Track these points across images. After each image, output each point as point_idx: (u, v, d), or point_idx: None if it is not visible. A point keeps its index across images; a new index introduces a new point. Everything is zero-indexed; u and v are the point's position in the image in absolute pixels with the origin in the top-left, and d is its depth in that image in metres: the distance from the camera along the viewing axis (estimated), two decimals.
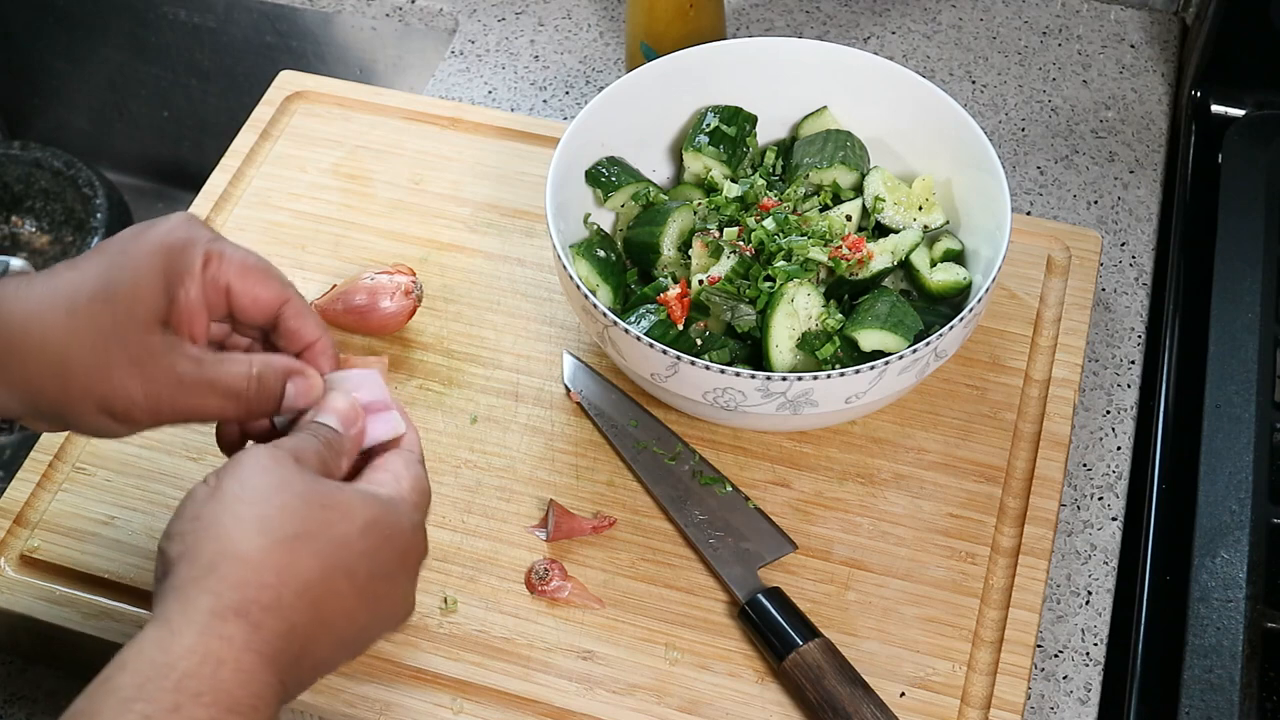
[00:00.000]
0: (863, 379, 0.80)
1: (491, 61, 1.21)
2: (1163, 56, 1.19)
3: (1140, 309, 1.02)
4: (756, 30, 1.22)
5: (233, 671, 0.58)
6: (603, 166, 0.94)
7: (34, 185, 1.47)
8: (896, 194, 0.93)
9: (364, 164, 1.06)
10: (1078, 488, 0.92)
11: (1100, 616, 0.87)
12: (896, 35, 1.21)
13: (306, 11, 1.35)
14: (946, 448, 0.89)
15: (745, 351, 0.87)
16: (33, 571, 0.85)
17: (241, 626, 0.59)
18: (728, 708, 0.79)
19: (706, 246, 0.89)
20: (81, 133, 1.58)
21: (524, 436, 0.91)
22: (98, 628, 0.83)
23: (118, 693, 0.57)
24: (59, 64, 1.53)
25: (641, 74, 0.95)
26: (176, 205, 1.49)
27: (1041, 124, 1.14)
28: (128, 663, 0.58)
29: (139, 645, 0.59)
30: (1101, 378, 0.98)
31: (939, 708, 0.79)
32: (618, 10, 1.24)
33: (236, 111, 1.16)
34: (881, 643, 0.81)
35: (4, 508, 0.87)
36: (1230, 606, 0.84)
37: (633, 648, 0.82)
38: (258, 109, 1.09)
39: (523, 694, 0.80)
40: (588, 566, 0.85)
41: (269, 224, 1.02)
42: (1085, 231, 1.00)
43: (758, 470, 0.89)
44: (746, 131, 0.97)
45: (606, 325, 0.82)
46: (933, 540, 0.85)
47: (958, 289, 0.89)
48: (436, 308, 0.97)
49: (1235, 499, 0.88)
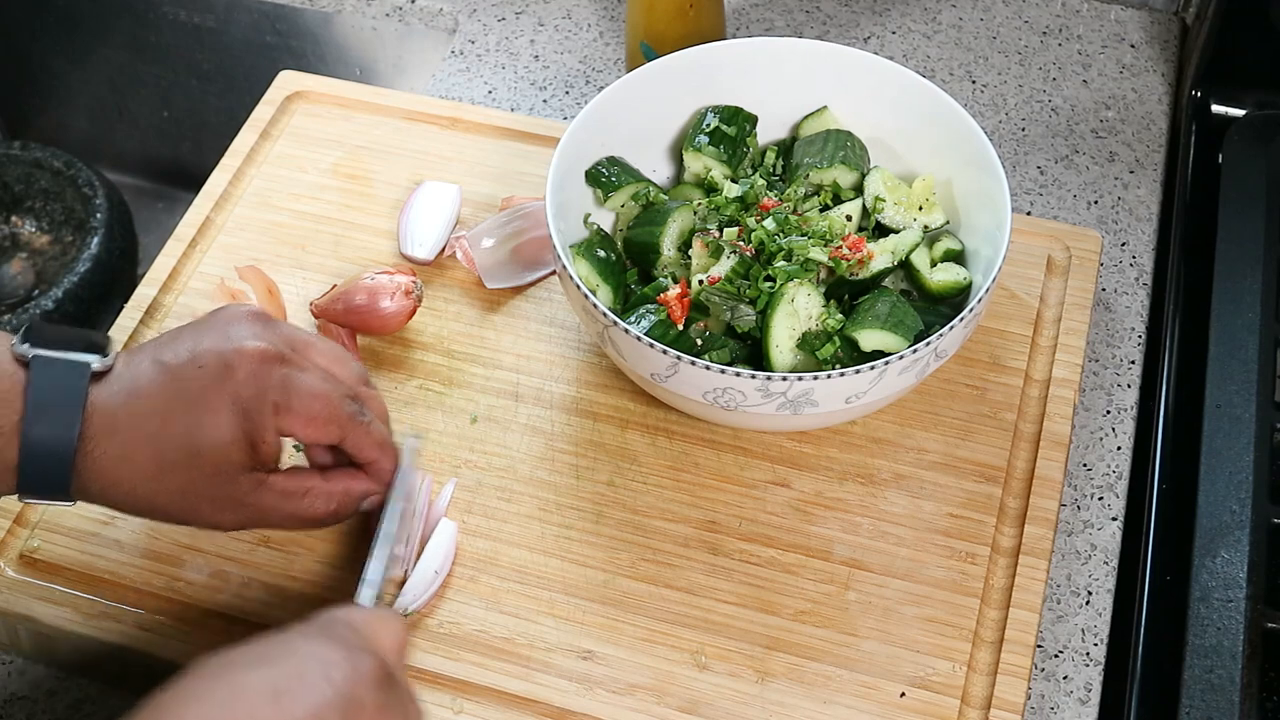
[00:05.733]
0: (863, 379, 0.80)
1: (491, 61, 1.21)
2: (1163, 56, 1.19)
3: (1140, 309, 1.02)
4: (756, 30, 1.22)
5: None
6: (603, 166, 0.94)
7: (34, 185, 1.47)
8: (896, 194, 0.93)
9: (364, 164, 1.06)
10: (1078, 488, 0.92)
11: (1100, 616, 0.87)
12: (896, 35, 1.21)
13: (306, 11, 1.35)
14: (946, 448, 0.89)
15: (745, 351, 0.87)
16: (33, 571, 0.85)
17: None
18: (728, 708, 0.79)
19: (706, 246, 0.89)
20: (81, 133, 1.58)
21: (524, 436, 0.91)
22: (98, 628, 0.83)
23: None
24: (59, 64, 1.53)
25: (641, 74, 0.95)
26: (177, 205, 1.49)
27: (1041, 124, 1.14)
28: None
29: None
30: (1101, 378, 0.98)
31: (939, 708, 0.79)
32: (618, 10, 1.24)
33: (236, 111, 1.16)
34: (881, 643, 0.81)
35: (4, 508, 0.87)
36: (1230, 606, 0.84)
37: (633, 648, 0.82)
38: (258, 109, 1.09)
39: (523, 694, 0.80)
40: (588, 566, 0.85)
41: (269, 224, 1.02)
42: (1085, 231, 1.00)
43: (758, 470, 0.89)
44: (746, 131, 0.97)
45: (606, 325, 0.82)
46: (933, 540, 0.85)
47: (958, 289, 0.89)
48: (436, 308, 0.97)
49: (1235, 499, 0.88)
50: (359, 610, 0.67)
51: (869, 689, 0.80)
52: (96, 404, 0.72)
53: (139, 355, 0.75)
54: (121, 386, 0.73)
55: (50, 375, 0.72)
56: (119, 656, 0.83)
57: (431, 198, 1.01)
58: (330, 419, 0.76)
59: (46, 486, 0.72)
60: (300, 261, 1.00)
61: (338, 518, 0.79)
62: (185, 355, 0.74)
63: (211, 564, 0.85)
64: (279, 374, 0.75)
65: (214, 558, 0.86)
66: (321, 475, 0.79)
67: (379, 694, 0.60)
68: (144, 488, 0.73)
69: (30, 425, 0.71)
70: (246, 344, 0.75)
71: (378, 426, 0.80)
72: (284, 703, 0.58)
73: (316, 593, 0.84)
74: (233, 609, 0.84)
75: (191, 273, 1.00)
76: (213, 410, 0.73)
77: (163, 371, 0.74)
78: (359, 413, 0.78)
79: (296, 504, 0.77)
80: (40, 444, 0.71)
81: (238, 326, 0.76)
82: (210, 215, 1.03)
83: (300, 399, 0.75)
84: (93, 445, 0.72)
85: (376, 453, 0.79)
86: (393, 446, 0.81)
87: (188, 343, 0.75)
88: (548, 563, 0.85)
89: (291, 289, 0.98)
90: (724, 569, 0.85)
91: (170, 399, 0.73)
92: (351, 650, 0.61)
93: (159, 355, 0.75)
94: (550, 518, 0.87)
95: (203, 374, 0.74)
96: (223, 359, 0.74)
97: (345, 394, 0.78)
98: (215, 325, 0.77)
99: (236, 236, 1.02)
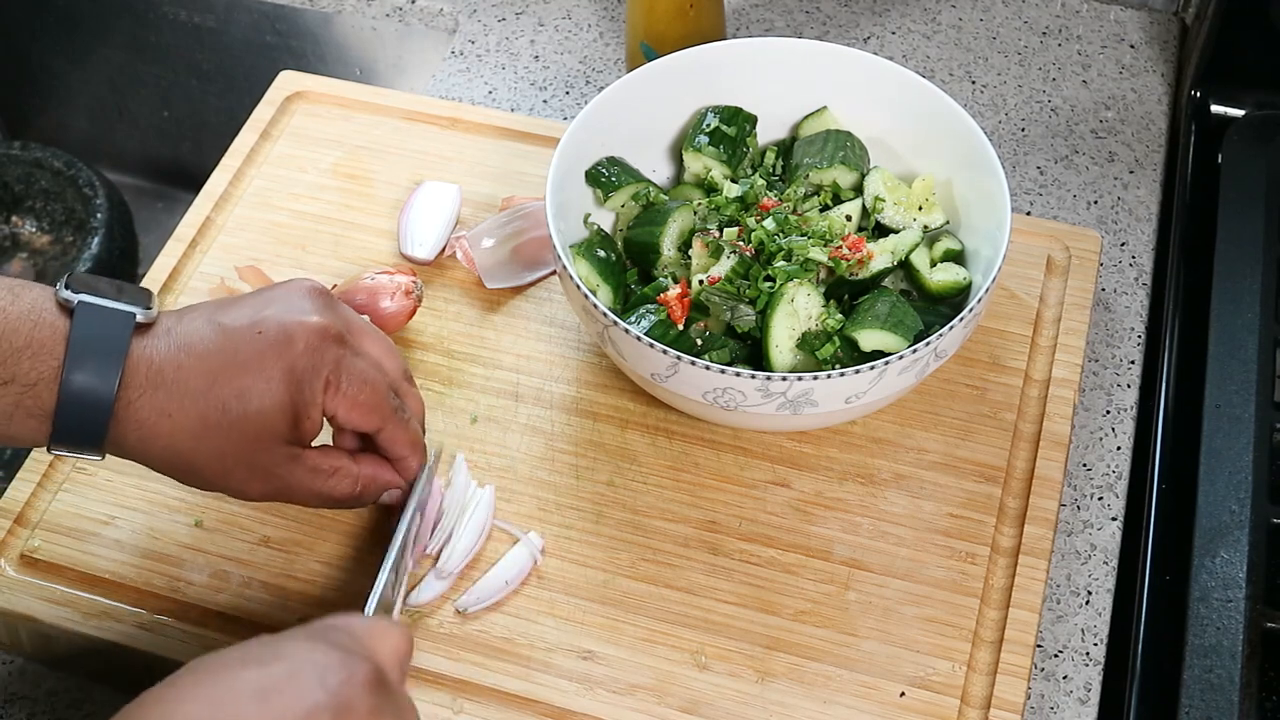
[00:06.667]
0: (863, 379, 0.80)
1: (491, 61, 1.21)
2: (1163, 56, 1.19)
3: (1140, 309, 1.02)
4: (756, 30, 1.22)
5: None
6: (603, 166, 0.94)
7: (34, 185, 1.47)
8: (896, 194, 0.93)
9: (364, 164, 1.06)
10: (1078, 488, 0.92)
11: (1100, 616, 0.87)
12: (896, 35, 1.21)
13: (306, 11, 1.35)
14: (946, 448, 0.89)
15: (745, 351, 0.87)
16: (33, 571, 0.85)
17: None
18: (728, 708, 0.79)
19: (706, 246, 0.89)
20: (81, 133, 1.58)
21: (524, 436, 0.91)
22: (98, 628, 0.83)
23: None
24: (59, 64, 1.53)
25: (641, 74, 0.95)
26: (176, 205, 1.48)
27: (1041, 124, 1.14)
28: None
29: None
30: (1101, 378, 0.98)
31: (939, 708, 0.79)
32: (618, 10, 1.24)
33: (236, 111, 1.16)
34: (881, 643, 0.81)
35: (4, 508, 0.87)
36: (1230, 606, 0.84)
37: (633, 648, 0.82)
38: (258, 109, 1.09)
39: (523, 694, 0.80)
40: (588, 566, 0.85)
41: (269, 224, 1.02)
42: (1085, 231, 1.00)
43: (758, 470, 0.89)
44: (746, 131, 0.97)
45: (606, 325, 0.82)
46: (933, 540, 0.85)
47: (958, 289, 0.89)
48: (436, 308, 0.97)
49: (1235, 499, 0.88)
50: (360, 618, 0.67)
51: (869, 689, 0.80)
52: (139, 355, 0.72)
53: (193, 314, 0.75)
54: (172, 342, 0.73)
55: (93, 322, 0.71)
56: (119, 657, 0.83)
57: (431, 198, 1.01)
58: (374, 408, 0.77)
59: (81, 436, 0.72)
60: (300, 261, 1.00)
61: (359, 501, 0.80)
62: (246, 320, 0.75)
63: (211, 564, 0.85)
64: (335, 353, 0.76)
65: (214, 558, 0.86)
66: (351, 457, 0.80)
67: (372, 699, 0.60)
68: (184, 444, 0.73)
69: (71, 370, 0.70)
70: (310, 318, 0.75)
71: (414, 424, 0.81)
72: (275, 703, 0.57)
73: (317, 593, 0.84)
74: (233, 609, 0.84)
75: (192, 273, 1.00)
76: (266, 377, 0.73)
77: (219, 332, 0.74)
78: (400, 408, 0.79)
79: (324, 481, 0.78)
80: (80, 390, 0.70)
81: (303, 300, 0.77)
82: (210, 215, 1.03)
83: (351, 382, 0.76)
84: (135, 394, 0.71)
85: (408, 450, 0.80)
86: (423, 448, 0.82)
87: (249, 309, 0.76)
88: (547, 563, 0.85)
89: None
90: (724, 569, 0.85)
91: (225, 360, 0.73)
92: (347, 655, 0.61)
93: (217, 316, 0.75)
94: (550, 518, 0.87)
95: (261, 340, 0.74)
96: (284, 328, 0.74)
97: (390, 385, 0.79)
98: (277, 296, 0.77)
99: (236, 236, 1.02)
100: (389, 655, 0.64)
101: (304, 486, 0.77)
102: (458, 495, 0.86)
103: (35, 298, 0.72)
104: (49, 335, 0.71)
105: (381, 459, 0.81)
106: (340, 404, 0.76)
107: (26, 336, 0.70)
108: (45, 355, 0.70)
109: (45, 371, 0.70)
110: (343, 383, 0.76)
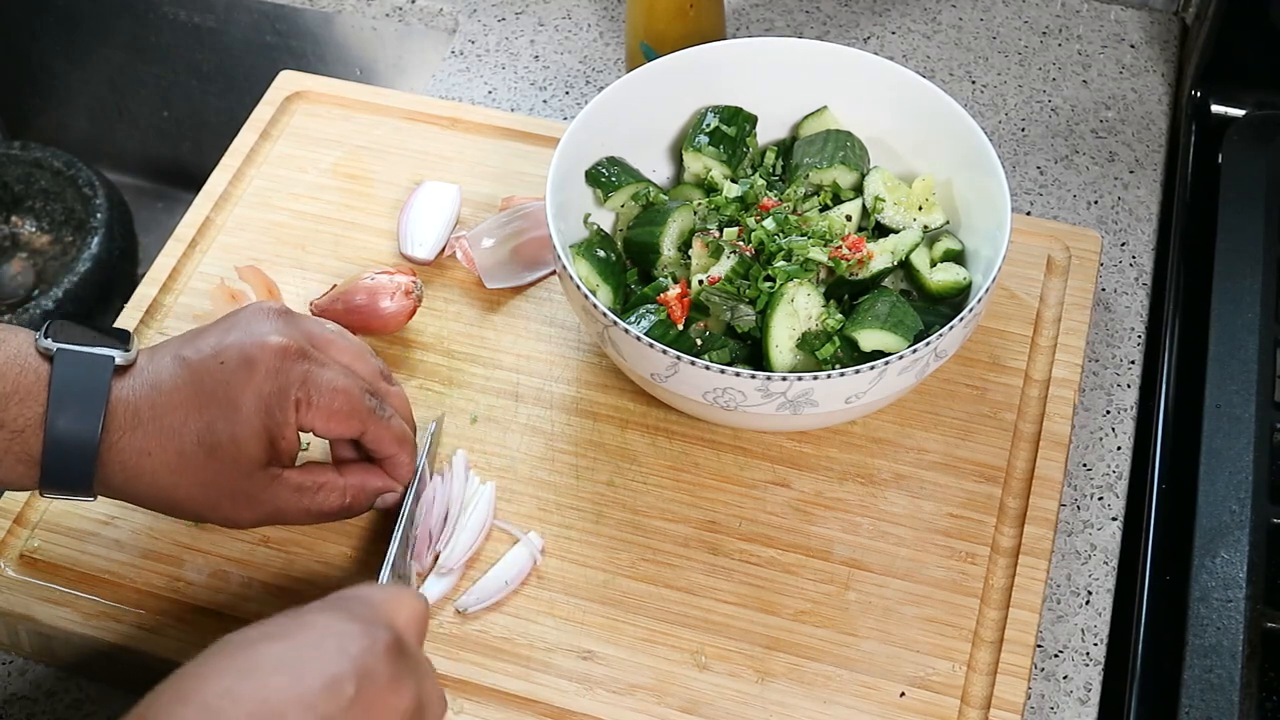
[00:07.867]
0: (863, 379, 0.80)
1: (491, 61, 1.21)
2: (1163, 56, 1.19)
3: (1140, 309, 1.02)
4: (756, 30, 1.22)
5: None
6: (603, 166, 0.94)
7: (34, 185, 1.47)
8: (896, 194, 0.93)
9: (364, 164, 1.06)
10: (1078, 488, 0.92)
11: (1100, 616, 0.87)
12: (896, 35, 1.21)
13: (306, 11, 1.35)
14: (946, 448, 0.89)
15: (745, 351, 0.87)
16: (33, 571, 0.85)
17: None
18: (728, 708, 0.79)
19: (706, 246, 0.89)
20: (81, 133, 1.58)
21: (524, 436, 0.91)
22: (98, 628, 0.83)
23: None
24: (59, 64, 1.53)
25: (641, 74, 0.95)
26: (177, 205, 1.48)
27: (1041, 124, 1.14)
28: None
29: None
30: (1101, 378, 0.98)
31: (939, 708, 0.79)
32: (618, 10, 1.24)
33: (236, 111, 1.16)
34: (881, 643, 0.81)
35: (4, 508, 0.87)
36: (1230, 606, 0.84)
37: (633, 648, 0.82)
38: (258, 109, 1.09)
39: (523, 694, 0.80)
40: (588, 566, 0.85)
41: (269, 224, 1.02)
42: (1085, 231, 1.00)
43: (758, 470, 0.89)
44: (746, 131, 0.97)
45: (606, 325, 0.82)
46: (933, 540, 0.85)
47: (958, 289, 0.89)
48: (436, 308, 0.97)
49: (1235, 499, 0.88)
50: (376, 588, 0.69)
51: (869, 689, 0.80)
52: (120, 397, 0.73)
53: (161, 351, 0.77)
54: (144, 381, 0.74)
55: (73, 369, 0.73)
56: (119, 656, 0.83)
57: (431, 198, 1.01)
58: (350, 414, 0.78)
59: (70, 480, 0.73)
60: (300, 261, 1.00)
61: (351, 512, 0.81)
62: (208, 351, 0.75)
63: (211, 564, 0.85)
64: (300, 369, 0.76)
65: (214, 558, 0.86)
66: (336, 470, 0.80)
67: (393, 666, 0.61)
68: (166, 480, 0.74)
69: (54, 417, 0.72)
70: (269, 339, 0.76)
71: (397, 422, 0.81)
72: (300, 673, 0.59)
73: (317, 593, 0.84)
74: (233, 609, 0.84)
75: (191, 273, 1.00)
76: (233, 405, 0.74)
77: (184, 367, 0.75)
78: (378, 408, 0.79)
79: (310, 498, 0.78)
80: (64, 436, 0.72)
81: (259, 322, 0.77)
82: (210, 215, 1.03)
83: (321, 394, 0.76)
84: (117, 437, 0.73)
85: (395, 448, 0.81)
86: (412, 442, 0.82)
87: (211, 339, 0.76)
88: (547, 563, 0.85)
89: (291, 289, 0.98)
90: (724, 569, 0.85)
91: (191, 394, 0.74)
92: (367, 624, 0.63)
93: (181, 351, 0.76)
94: (550, 518, 0.87)
95: (224, 370, 0.75)
96: (244, 354, 0.75)
97: (365, 389, 0.79)
98: (238, 322, 0.78)
99: (236, 236, 1.02)
100: (407, 621, 0.66)
101: (292, 506, 0.78)
102: (459, 489, 0.86)
103: (20, 343, 0.73)
104: (33, 381, 0.72)
105: (369, 465, 0.81)
106: (316, 417, 0.77)
107: (13, 382, 0.72)
108: (30, 401, 0.72)
109: (31, 418, 0.72)
110: (313, 396, 0.76)
